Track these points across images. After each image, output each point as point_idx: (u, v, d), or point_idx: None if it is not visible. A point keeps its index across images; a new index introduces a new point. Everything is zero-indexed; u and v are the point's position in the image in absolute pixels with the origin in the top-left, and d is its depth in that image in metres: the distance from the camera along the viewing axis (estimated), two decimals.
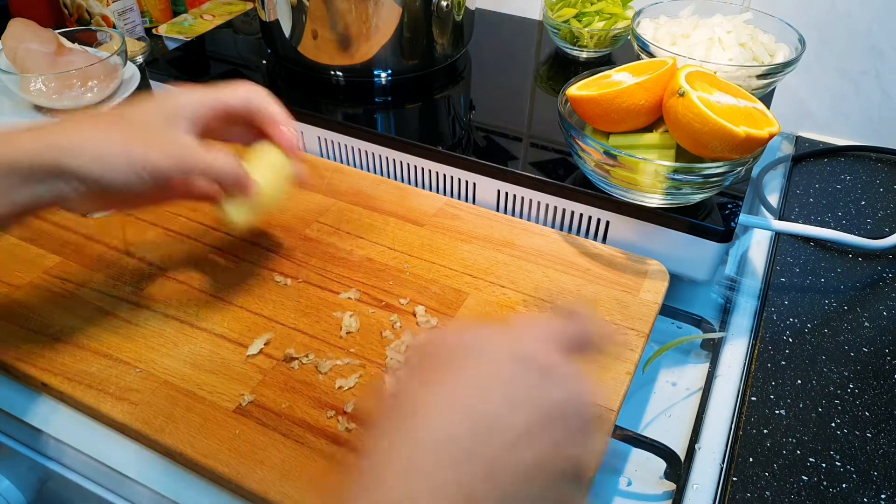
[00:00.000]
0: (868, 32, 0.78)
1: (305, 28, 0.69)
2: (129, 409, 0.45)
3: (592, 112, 0.55)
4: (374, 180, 0.66)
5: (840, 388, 0.53)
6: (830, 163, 0.80)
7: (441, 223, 0.61)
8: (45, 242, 0.58)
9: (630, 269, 0.56)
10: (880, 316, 0.60)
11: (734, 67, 0.64)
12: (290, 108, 0.70)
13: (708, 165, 0.51)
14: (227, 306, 0.52)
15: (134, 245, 0.58)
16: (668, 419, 0.54)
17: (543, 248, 0.58)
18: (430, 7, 0.69)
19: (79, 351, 0.49)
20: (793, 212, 0.72)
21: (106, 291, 0.53)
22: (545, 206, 0.61)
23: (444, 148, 0.64)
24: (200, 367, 0.47)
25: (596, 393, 0.30)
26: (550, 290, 0.54)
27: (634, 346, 0.50)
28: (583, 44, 0.78)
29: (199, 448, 0.42)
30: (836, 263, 0.65)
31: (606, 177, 0.55)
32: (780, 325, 0.59)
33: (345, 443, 0.43)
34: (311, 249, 0.58)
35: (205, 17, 1.04)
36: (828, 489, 0.47)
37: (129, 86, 0.84)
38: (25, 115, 0.81)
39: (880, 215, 0.71)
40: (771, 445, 0.49)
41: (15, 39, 0.80)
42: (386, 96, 0.73)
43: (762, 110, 0.52)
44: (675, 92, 0.51)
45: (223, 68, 0.77)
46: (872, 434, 0.50)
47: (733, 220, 0.56)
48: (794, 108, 0.85)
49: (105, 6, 0.94)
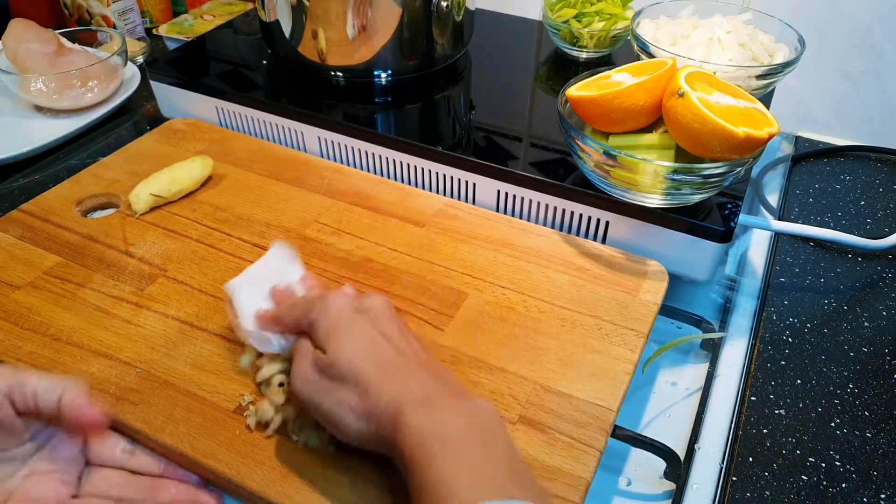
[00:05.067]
0: (868, 32, 0.78)
1: (305, 28, 0.70)
2: (129, 409, 0.45)
3: (592, 112, 0.55)
4: (374, 180, 0.66)
5: (840, 388, 0.53)
6: (830, 163, 0.80)
7: (441, 223, 0.61)
8: (45, 242, 0.58)
9: (629, 270, 0.56)
10: (880, 316, 0.60)
11: (734, 68, 0.64)
12: (290, 108, 0.71)
13: (708, 166, 0.51)
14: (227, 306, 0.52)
15: (134, 245, 0.58)
16: (668, 419, 0.54)
17: (543, 248, 0.58)
18: (430, 7, 0.69)
19: (79, 351, 0.49)
20: (793, 212, 0.72)
21: (106, 291, 0.53)
22: (545, 206, 0.61)
23: (444, 148, 0.64)
24: (200, 367, 0.48)
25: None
26: (550, 290, 0.54)
27: (634, 346, 0.50)
28: (583, 44, 0.78)
29: (199, 448, 0.42)
30: (836, 263, 0.65)
31: (606, 177, 0.55)
32: (779, 325, 0.59)
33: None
34: (311, 249, 0.58)
35: (205, 17, 1.04)
36: (828, 489, 0.47)
37: (129, 86, 0.85)
38: (25, 115, 0.81)
39: (880, 215, 0.71)
40: (771, 445, 0.49)
41: (15, 39, 0.80)
42: (386, 96, 0.73)
43: (762, 111, 0.52)
44: (674, 92, 0.51)
45: (223, 68, 0.77)
46: (872, 434, 0.50)
47: (733, 220, 0.56)
48: (794, 108, 0.85)
49: (105, 6, 0.94)
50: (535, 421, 0.44)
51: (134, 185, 0.61)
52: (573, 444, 0.43)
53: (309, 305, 0.42)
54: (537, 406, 0.45)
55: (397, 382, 0.38)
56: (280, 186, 0.65)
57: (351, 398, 0.38)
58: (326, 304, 0.42)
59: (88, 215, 0.63)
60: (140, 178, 0.62)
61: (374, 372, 0.38)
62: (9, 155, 0.72)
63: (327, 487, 0.41)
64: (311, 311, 0.42)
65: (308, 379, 0.40)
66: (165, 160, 0.65)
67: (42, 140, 0.75)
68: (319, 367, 0.40)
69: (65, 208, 0.62)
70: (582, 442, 0.43)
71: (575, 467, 0.42)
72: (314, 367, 0.40)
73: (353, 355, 0.39)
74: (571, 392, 0.46)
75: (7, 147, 0.73)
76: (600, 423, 0.44)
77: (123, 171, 0.66)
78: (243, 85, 0.74)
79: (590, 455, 0.43)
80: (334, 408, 0.38)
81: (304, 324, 0.42)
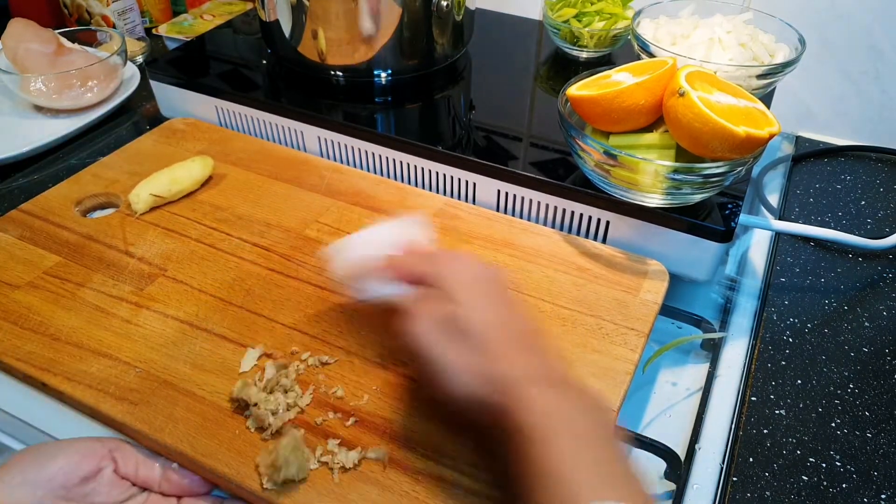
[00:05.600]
0: (868, 32, 0.78)
1: (305, 28, 0.69)
2: (129, 409, 0.45)
3: (592, 112, 0.55)
4: (374, 180, 0.66)
5: (840, 388, 0.53)
6: (830, 163, 0.80)
7: (441, 223, 0.60)
8: (45, 242, 0.58)
9: (630, 269, 0.56)
10: (880, 316, 0.60)
11: (734, 67, 0.64)
12: (290, 107, 0.71)
13: (708, 165, 0.51)
14: (227, 306, 0.52)
15: (134, 245, 0.58)
16: (668, 419, 0.54)
17: (543, 248, 0.58)
18: (430, 7, 0.69)
19: (79, 351, 0.48)
20: (793, 212, 0.72)
21: (105, 291, 0.53)
22: (545, 206, 0.61)
23: (444, 148, 0.64)
24: (200, 366, 0.47)
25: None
26: (551, 289, 0.54)
27: (634, 346, 0.50)
28: (583, 44, 0.78)
29: (199, 448, 0.42)
30: (836, 263, 0.65)
31: (606, 177, 0.55)
32: (780, 325, 0.59)
33: (345, 442, 0.43)
34: (312, 249, 0.58)
35: (205, 17, 1.04)
36: (828, 489, 0.47)
37: (128, 86, 0.84)
38: (25, 115, 0.81)
39: (880, 215, 0.71)
40: (771, 445, 0.49)
41: (15, 39, 0.80)
42: (386, 96, 0.73)
43: (762, 110, 0.52)
44: (675, 92, 0.51)
45: (223, 68, 0.77)
46: (872, 434, 0.50)
47: (733, 220, 0.56)
48: (795, 108, 0.85)
49: (105, 6, 0.94)
50: None
51: (134, 185, 0.61)
52: None
53: (439, 259, 0.43)
54: None
55: (520, 353, 0.38)
56: (280, 186, 0.65)
57: (473, 357, 0.38)
58: (458, 260, 0.42)
59: (88, 215, 0.63)
60: (140, 178, 0.62)
61: (503, 339, 0.38)
62: (9, 155, 0.72)
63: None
64: (441, 265, 0.42)
65: (431, 325, 0.39)
66: (165, 160, 0.65)
67: (42, 140, 0.75)
68: (447, 317, 0.39)
69: (64, 208, 0.61)
70: None
71: None
72: (440, 316, 0.39)
73: (484, 313, 0.39)
74: None
75: (7, 147, 0.73)
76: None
77: (123, 170, 0.66)
78: (243, 85, 0.74)
79: None
80: (452, 360, 0.38)
81: (430, 276, 0.42)
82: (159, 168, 0.63)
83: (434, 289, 0.41)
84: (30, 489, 0.38)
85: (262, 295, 0.53)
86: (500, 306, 0.41)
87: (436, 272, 0.42)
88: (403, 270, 0.43)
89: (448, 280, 0.41)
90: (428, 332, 0.39)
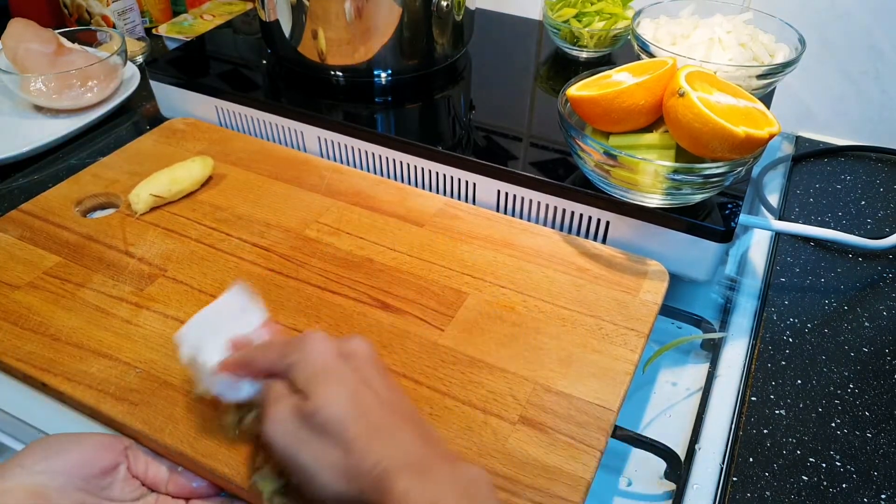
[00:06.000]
0: (868, 32, 0.78)
1: (305, 28, 0.69)
2: (129, 409, 0.45)
3: (592, 112, 0.55)
4: (374, 180, 0.66)
5: (840, 388, 0.53)
6: (830, 163, 0.80)
7: (441, 223, 0.60)
8: (45, 243, 0.58)
9: (630, 270, 0.56)
10: (880, 316, 0.60)
11: (734, 67, 0.64)
12: (290, 107, 0.71)
13: (708, 166, 0.51)
14: None
15: (134, 245, 0.58)
16: (668, 419, 0.54)
17: (543, 248, 0.58)
18: (430, 7, 0.69)
19: (79, 351, 0.49)
20: (793, 212, 0.72)
21: (105, 291, 0.53)
22: (545, 206, 0.61)
23: (444, 148, 0.64)
24: None
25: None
26: (550, 290, 0.54)
27: (634, 346, 0.50)
28: (583, 44, 0.78)
29: (199, 448, 0.42)
30: (836, 263, 0.65)
31: (606, 177, 0.55)
32: (780, 325, 0.59)
33: None
34: (311, 249, 0.58)
35: (205, 17, 1.04)
36: (828, 489, 0.47)
37: (128, 86, 0.84)
38: (25, 115, 0.81)
39: (880, 215, 0.71)
40: (771, 445, 0.49)
41: (15, 39, 0.80)
42: (386, 96, 0.73)
43: (762, 110, 0.52)
44: (675, 92, 0.51)
45: (223, 68, 0.77)
46: (872, 434, 0.50)
47: (733, 220, 0.56)
48: (795, 108, 0.85)
49: (105, 6, 0.94)
50: (536, 421, 0.44)
51: (134, 185, 0.61)
52: (573, 445, 0.43)
53: (286, 347, 0.39)
54: (537, 406, 0.45)
55: (384, 441, 0.35)
56: (280, 186, 0.65)
57: (332, 453, 0.35)
58: (307, 346, 0.39)
59: (88, 215, 0.63)
60: (140, 178, 0.62)
61: (360, 426, 0.35)
62: (9, 155, 0.72)
63: None
64: (289, 354, 0.39)
65: (286, 426, 0.36)
66: (165, 160, 0.65)
67: (42, 140, 0.75)
68: (300, 414, 0.36)
69: (64, 208, 0.61)
70: (582, 442, 0.43)
71: (575, 467, 0.42)
72: (293, 414, 0.36)
73: (338, 405, 0.36)
74: (572, 392, 0.46)
75: (7, 147, 0.73)
76: (600, 423, 0.44)
77: (123, 170, 0.66)
78: (243, 85, 0.74)
79: (590, 455, 0.43)
80: (312, 462, 0.35)
81: (279, 367, 0.39)
82: (159, 168, 0.63)
83: (286, 381, 0.38)
84: (51, 476, 0.38)
85: (262, 295, 0.53)
86: (360, 391, 0.37)
87: (284, 364, 0.38)
88: (255, 366, 0.40)
89: (297, 369, 0.38)
90: (283, 434, 0.36)
